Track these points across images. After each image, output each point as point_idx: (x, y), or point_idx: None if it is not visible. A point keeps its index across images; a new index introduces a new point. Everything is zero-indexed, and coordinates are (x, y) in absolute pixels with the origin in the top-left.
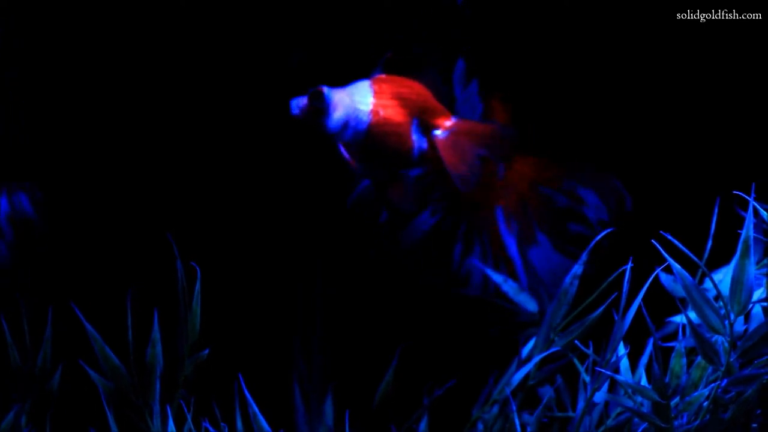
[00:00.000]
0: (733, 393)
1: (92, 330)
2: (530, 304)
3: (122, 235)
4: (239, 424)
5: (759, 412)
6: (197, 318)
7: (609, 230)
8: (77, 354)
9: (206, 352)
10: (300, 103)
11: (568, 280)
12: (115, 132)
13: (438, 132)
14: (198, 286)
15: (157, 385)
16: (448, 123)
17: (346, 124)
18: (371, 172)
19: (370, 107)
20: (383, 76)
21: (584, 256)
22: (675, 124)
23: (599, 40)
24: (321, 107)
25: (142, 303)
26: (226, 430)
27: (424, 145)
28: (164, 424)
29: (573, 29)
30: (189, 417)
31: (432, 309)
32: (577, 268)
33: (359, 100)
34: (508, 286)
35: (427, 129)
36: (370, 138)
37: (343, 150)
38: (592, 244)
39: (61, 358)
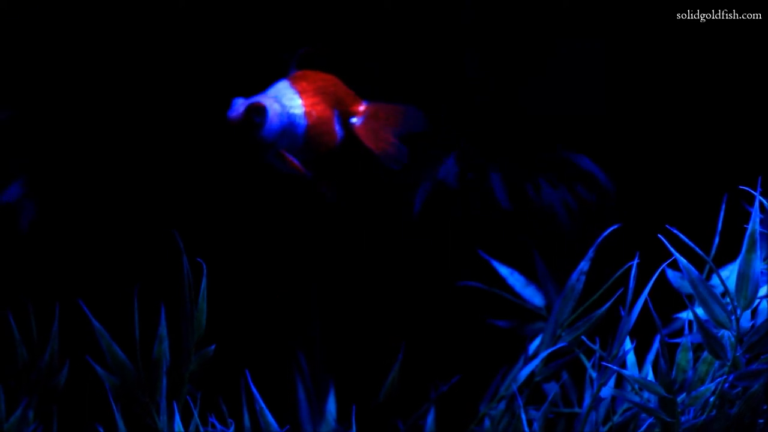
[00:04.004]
0: (740, 388)
1: (99, 326)
2: (536, 298)
3: (129, 231)
4: (246, 420)
5: (765, 407)
6: (203, 314)
7: (615, 227)
8: (84, 350)
9: (213, 348)
10: (236, 115)
11: (575, 276)
12: (121, 129)
13: (354, 119)
14: (204, 282)
15: (164, 381)
16: (362, 108)
17: (283, 132)
18: (308, 169)
19: (303, 109)
20: (298, 72)
21: (591, 253)
22: (682, 120)
23: (602, 38)
24: (260, 122)
25: (149, 299)
26: (233, 426)
27: (343, 134)
28: (171, 420)
29: (574, 27)
30: (195, 413)
31: (438, 304)
32: (584, 265)
33: (290, 105)
34: (515, 279)
35: (345, 118)
36: (308, 139)
37: (289, 155)
38: (599, 240)
39: (68, 354)
